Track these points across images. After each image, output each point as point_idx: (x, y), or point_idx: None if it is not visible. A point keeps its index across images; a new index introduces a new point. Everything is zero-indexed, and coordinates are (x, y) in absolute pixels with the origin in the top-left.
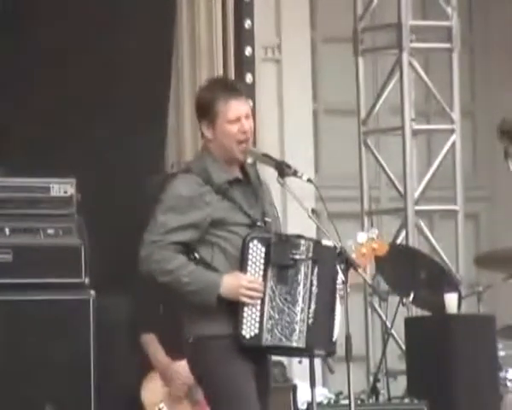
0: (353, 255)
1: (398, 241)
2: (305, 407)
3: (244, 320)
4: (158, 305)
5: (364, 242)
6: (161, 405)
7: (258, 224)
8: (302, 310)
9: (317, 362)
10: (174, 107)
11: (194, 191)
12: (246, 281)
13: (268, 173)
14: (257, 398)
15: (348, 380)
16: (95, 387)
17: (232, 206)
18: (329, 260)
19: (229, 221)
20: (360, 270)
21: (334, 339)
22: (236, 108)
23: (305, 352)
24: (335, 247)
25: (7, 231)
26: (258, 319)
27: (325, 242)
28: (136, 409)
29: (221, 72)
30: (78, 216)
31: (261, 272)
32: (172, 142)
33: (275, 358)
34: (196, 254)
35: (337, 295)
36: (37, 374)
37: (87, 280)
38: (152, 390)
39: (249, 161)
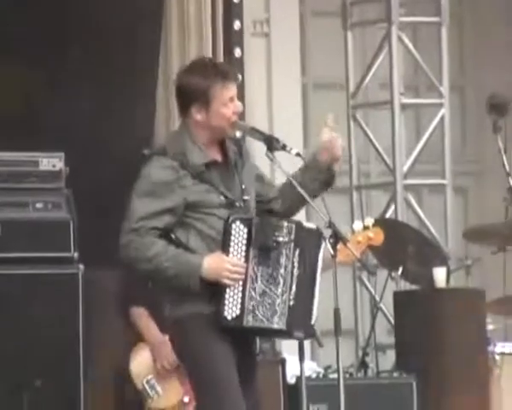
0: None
1: (387, 215)
2: (293, 380)
3: (226, 302)
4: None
5: (360, 230)
6: (149, 377)
7: (237, 204)
8: (283, 292)
9: None
10: (163, 81)
11: (170, 176)
12: (229, 263)
13: (257, 147)
14: (238, 378)
15: (337, 354)
16: (84, 361)
17: (209, 188)
18: (311, 243)
19: (205, 203)
20: (350, 246)
21: (312, 322)
22: (230, 90)
23: (285, 334)
24: (318, 229)
25: None
26: (239, 301)
27: (307, 224)
28: (125, 382)
29: (210, 46)
30: (67, 190)
31: (243, 254)
32: (161, 115)
33: None
34: (172, 236)
35: (317, 279)
36: (25, 349)
37: (76, 254)
38: (141, 362)
39: (238, 134)
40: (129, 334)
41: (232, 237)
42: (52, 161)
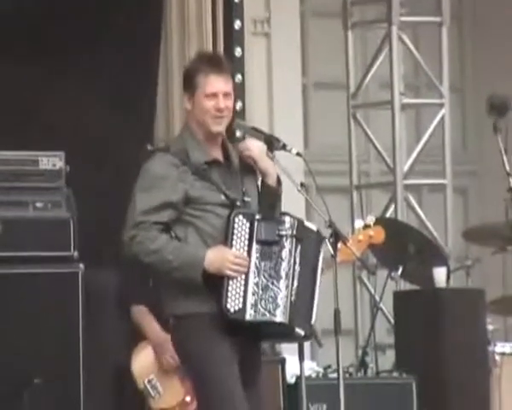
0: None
1: (387, 215)
2: (293, 380)
3: (229, 294)
4: (147, 277)
5: (361, 228)
6: (151, 376)
7: (238, 204)
8: (286, 286)
9: None
10: (163, 80)
11: (171, 171)
12: (232, 255)
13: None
14: (240, 378)
15: (337, 354)
16: (83, 360)
17: (209, 185)
18: (312, 243)
19: (205, 200)
20: (350, 246)
21: (312, 322)
22: (215, 83)
23: (286, 329)
24: (318, 231)
25: None
26: (242, 294)
27: (308, 224)
28: (125, 381)
29: (210, 45)
30: (67, 189)
31: (246, 248)
32: (161, 115)
33: None
34: (172, 233)
35: (317, 281)
36: (25, 348)
37: (76, 253)
38: (143, 362)
39: (238, 134)
40: (130, 333)
41: (235, 231)
42: (52, 160)
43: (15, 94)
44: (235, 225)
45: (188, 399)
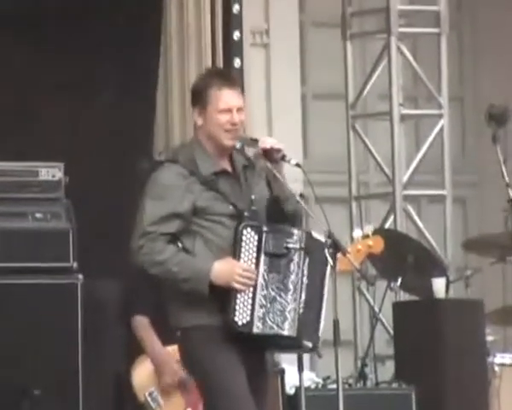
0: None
1: (387, 225)
2: (293, 391)
3: (237, 307)
4: (149, 287)
5: (360, 238)
6: (152, 389)
7: (246, 214)
8: (294, 299)
9: None
10: (162, 91)
11: (179, 182)
12: (240, 268)
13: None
14: (247, 386)
15: (336, 365)
16: (83, 370)
17: (217, 196)
18: (320, 254)
19: (213, 211)
20: (349, 257)
21: (319, 333)
22: (229, 98)
23: (294, 341)
24: (326, 242)
25: None
26: (249, 307)
27: (316, 235)
28: (124, 393)
29: (209, 56)
30: (67, 200)
31: (254, 260)
32: (161, 125)
33: None
34: (179, 244)
35: (325, 294)
36: (24, 359)
37: (75, 264)
38: (143, 374)
39: (237, 146)
40: (130, 344)
41: (243, 244)
42: (52, 171)
43: (12, 99)
44: (244, 238)
45: None
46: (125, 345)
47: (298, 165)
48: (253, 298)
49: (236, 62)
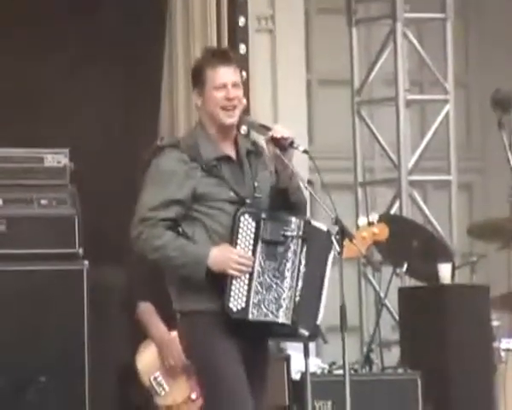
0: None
1: (392, 211)
2: (298, 376)
3: (232, 293)
4: (156, 273)
5: (365, 225)
6: (157, 373)
7: (247, 201)
8: (290, 287)
9: None
10: (167, 77)
11: (179, 168)
12: (236, 254)
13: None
14: (245, 375)
15: (343, 350)
16: (88, 357)
17: (218, 182)
18: (320, 243)
19: (213, 197)
20: (356, 243)
21: (318, 322)
22: (222, 74)
23: (290, 329)
24: (328, 232)
25: (0, 201)
26: (245, 293)
27: (317, 224)
28: (130, 378)
29: (214, 42)
30: (72, 186)
31: (251, 247)
32: (166, 111)
33: None
34: (180, 229)
35: (325, 282)
36: (30, 345)
37: (81, 250)
38: (148, 359)
39: (243, 131)
40: (135, 330)
41: (240, 230)
42: (57, 158)
43: (19, 90)
44: (241, 224)
45: (193, 396)
46: (131, 331)
47: (306, 151)
48: (249, 285)
49: (242, 48)
